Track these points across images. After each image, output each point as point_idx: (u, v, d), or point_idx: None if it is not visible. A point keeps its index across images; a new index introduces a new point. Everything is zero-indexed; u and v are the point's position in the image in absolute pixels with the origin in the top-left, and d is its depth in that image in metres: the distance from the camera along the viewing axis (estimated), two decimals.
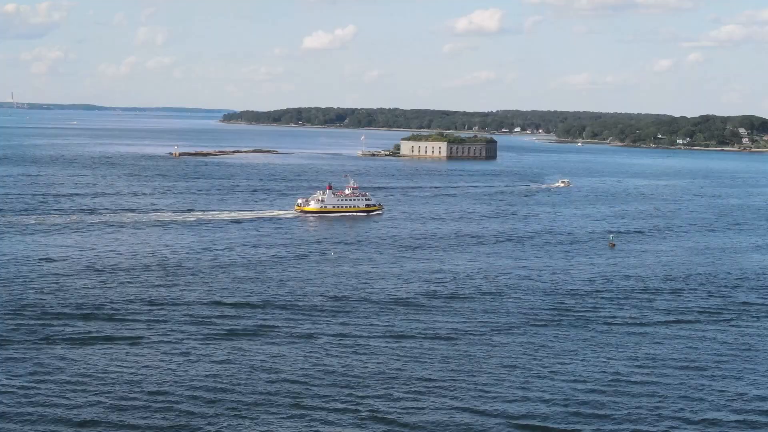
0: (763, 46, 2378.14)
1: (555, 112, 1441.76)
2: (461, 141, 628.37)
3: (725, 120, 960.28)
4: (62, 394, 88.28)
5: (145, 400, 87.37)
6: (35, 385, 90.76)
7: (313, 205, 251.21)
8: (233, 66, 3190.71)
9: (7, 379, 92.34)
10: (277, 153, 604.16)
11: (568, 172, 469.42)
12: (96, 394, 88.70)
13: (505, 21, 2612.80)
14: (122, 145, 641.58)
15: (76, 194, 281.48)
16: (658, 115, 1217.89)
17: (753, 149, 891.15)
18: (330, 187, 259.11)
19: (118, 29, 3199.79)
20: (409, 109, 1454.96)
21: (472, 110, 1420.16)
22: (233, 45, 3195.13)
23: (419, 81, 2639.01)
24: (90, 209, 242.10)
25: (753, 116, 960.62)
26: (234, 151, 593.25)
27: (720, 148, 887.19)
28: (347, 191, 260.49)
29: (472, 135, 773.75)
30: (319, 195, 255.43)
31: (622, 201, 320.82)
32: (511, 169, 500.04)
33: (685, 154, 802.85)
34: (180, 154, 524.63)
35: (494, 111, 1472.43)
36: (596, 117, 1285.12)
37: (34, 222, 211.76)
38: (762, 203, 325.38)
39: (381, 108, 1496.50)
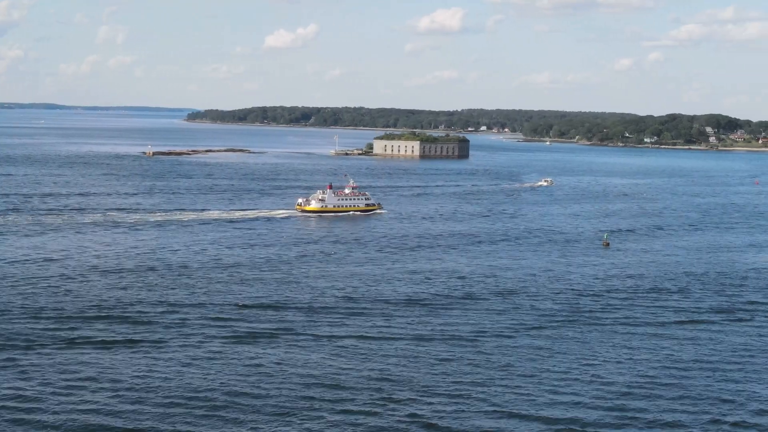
0: (723, 45, 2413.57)
1: (519, 111, 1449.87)
2: (434, 140, 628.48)
3: (692, 119, 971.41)
4: (100, 401, 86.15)
5: (185, 406, 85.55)
6: (70, 391, 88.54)
7: (314, 205, 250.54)
8: (195, 65, 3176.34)
9: (40, 385, 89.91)
10: (250, 152, 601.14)
11: (542, 170, 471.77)
12: (135, 401, 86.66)
13: (466, 20, 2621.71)
14: (93, 145, 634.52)
15: (61, 194, 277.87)
16: (621, 113, 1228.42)
17: (720, 148, 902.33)
18: (330, 187, 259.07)
19: (79, 28, 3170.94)
20: (374, 108, 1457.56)
21: (437, 109, 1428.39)
22: (195, 44, 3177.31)
23: (382, 80, 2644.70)
24: (78, 209, 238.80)
25: (719, 115, 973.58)
26: (206, 150, 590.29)
27: (687, 147, 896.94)
28: (347, 191, 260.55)
29: (444, 134, 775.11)
30: (319, 194, 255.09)
31: (605, 200, 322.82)
32: (486, 168, 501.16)
33: (653, 152, 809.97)
34: (153, 153, 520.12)
35: (459, 110, 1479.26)
36: (561, 116, 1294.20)
37: (26, 222, 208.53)
38: (743, 201, 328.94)
39: (346, 107, 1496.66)
